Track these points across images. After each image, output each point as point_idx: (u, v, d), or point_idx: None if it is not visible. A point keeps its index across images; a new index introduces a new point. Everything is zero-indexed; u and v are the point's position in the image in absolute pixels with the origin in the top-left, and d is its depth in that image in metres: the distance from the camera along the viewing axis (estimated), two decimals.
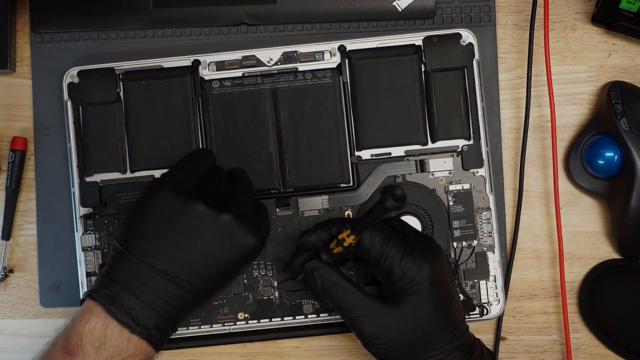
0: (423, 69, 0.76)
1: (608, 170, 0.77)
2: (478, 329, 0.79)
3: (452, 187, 0.76)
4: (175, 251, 0.64)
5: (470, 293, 0.76)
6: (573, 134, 0.80)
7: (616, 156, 0.76)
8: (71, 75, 0.76)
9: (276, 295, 0.76)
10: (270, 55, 0.76)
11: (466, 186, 0.76)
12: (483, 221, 0.76)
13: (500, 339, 0.79)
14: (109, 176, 0.76)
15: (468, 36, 0.76)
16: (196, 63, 0.76)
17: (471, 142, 0.76)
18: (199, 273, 0.65)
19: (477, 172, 0.76)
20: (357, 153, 0.76)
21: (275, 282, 0.76)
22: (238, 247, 0.66)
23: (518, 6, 0.80)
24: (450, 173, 0.76)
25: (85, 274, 0.76)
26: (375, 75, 0.76)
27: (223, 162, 0.74)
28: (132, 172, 0.76)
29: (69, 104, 0.76)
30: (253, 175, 0.74)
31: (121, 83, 0.76)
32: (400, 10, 0.79)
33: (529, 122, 0.78)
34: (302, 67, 0.76)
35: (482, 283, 0.76)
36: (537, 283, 0.79)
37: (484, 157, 0.76)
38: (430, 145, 0.76)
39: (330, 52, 0.76)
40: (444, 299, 0.67)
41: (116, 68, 0.76)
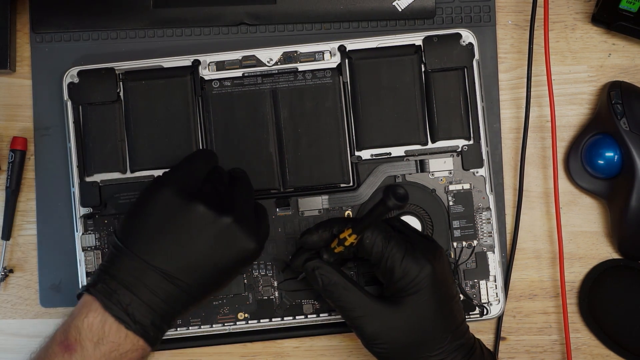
0: (423, 69, 0.76)
1: (608, 170, 0.77)
2: (478, 329, 0.78)
3: (452, 187, 0.76)
4: (173, 251, 0.65)
5: (470, 293, 0.76)
6: (573, 134, 0.80)
7: (616, 156, 0.76)
8: (71, 75, 0.76)
9: (276, 295, 0.76)
10: (270, 55, 0.76)
11: (466, 186, 0.76)
12: (483, 221, 0.76)
13: (500, 339, 0.79)
14: (109, 176, 0.76)
15: (468, 36, 0.76)
16: (196, 63, 0.76)
17: (471, 142, 0.76)
18: (196, 274, 0.65)
19: (477, 172, 0.76)
20: (357, 153, 0.76)
21: (275, 282, 0.76)
22: (236, 251, 0.66)
23: (518, 6, 0.80)
24: (450, 173, 0.76)
25: (85, 274, 0.76)
26: (375, 75, 0.76)
27: (223, 162, 0.74)
28: (132, 172, 0.76)
29: (69, 104, 0.76)
30: (253, 175, 0.74)
31: (121, 83, 0.76)
32: (400, 10, 0.79)
33: (529, 122, 0.78)
34: (302, 67, 0.76)
35: (482, 283, 0.76)
36: (537, 283, 0.79)
37: (484, 157, 0.76)
38: (430, 145, 0.76)
39: (330, 52, 0.76)
40: (445, 299, 0.67)
41: (116, 68, 0.76)
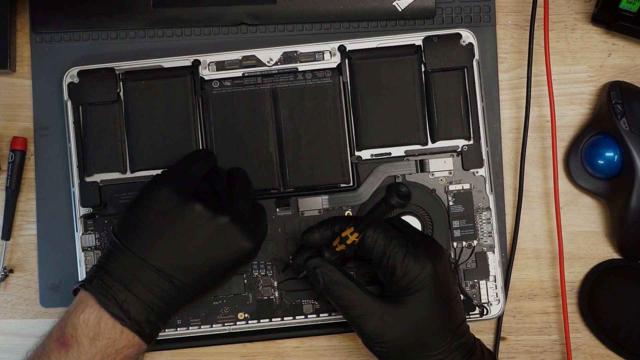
0: (423, 69, 0.76)
1: (608, 170, 0.77)
2: (478, 329, 0.78)
3: (452, 187, 0.76)
4: (170, 249, 0.65)
5: (470, 293, 0.76)
6: (573, 134, 0.80)
7: (616, 156, 0.76)
8: (71, 75, 0.76)
9: (276, 295, 0.76)
10: (270, 55, 0.76)
11: (466, 186, 0.76)
12: (483, 221, 0.76)
13: (500, 339, 0.79)
14: (109, 176, 0.76)
15: (468, 36, 0.76)
16: (196, 63, 0.76)
17: (471, 142, 0.76)
18: (192, 273, 0.65)
19: (477, 172, 0.76)
20: (357, 153, 0.76)
21: (275, 282, 0.76)
22: (233, 250, 0.66)
23: (518, 6, 0.80)
24: (450, 173, 0.76)
25: (85, 274, 0.76)
26: (375, 75, 0.76)
27: (223, 162, 0.74)
28: (132, 172, 0.76)
29: (69, 104, 0.76)
30: (253, 175, 0.74)
31: (121, 83, 0.76)
32: (400, 10, 0.79)
33: (529, 122, 0.78)
34: (302, 67, 0.76)
35: (482, 283, 0.76)
36: (537, 283, 0.79)
37: (484, 157, 0.76)
38: (430, 145, 0.76)
39: (330, 52, 0.76)
40: (446, 299, 0.67)
41: (116, 68, 0.76)
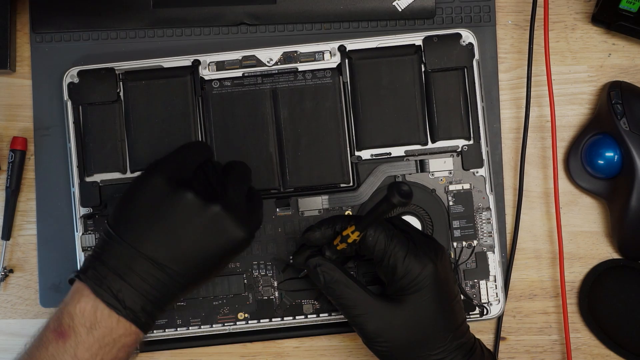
0: (423, 69, 0.76)
1: (608, 170, 0.77)
2: (478, 329, 0.78)
3: (452, 187, 0.76)
4: (162, 238, 0.65)
5: (470, 293, 0.76)
6: (573, 134, 0.80)
7: (616, 156, 0.76)
8: (71, 75, 0.76)
9: (276, 295, 0.76)
10: (270, 55, 0.76)
11: (466, 186, 0.76)
12: (483, 221, 0.76)
13: (500, 339, 0.79)
14: (109, 176, 0.76)
15: (468, 36, 0.76)
16: (196, 63, 0.76)
17: (471, 142, 0.76)
18: (185, 262, 0.65)
19: (477, 172, 0.76)
20: (357, 153, 0.76)
21: (275, 282, 0.76)
22: (225, 239, 0.66)
23: (518, 6, 0.80)
24: (450, 173, 0.76)
25: None
26: (375, 75, 0.76)
27: (223, 162, 0.73)
28: (132, 172, 0.76)
29: (69, 104, 0.76)
30: (253, 175, 0.74)
31: (121, 83, 0.76)
32: (400, 10, 0.79)
33: (529, 122, 0.78)
34: (302, 67, 0.76)
35: (482, 283, 0.76)
36: (537, 283, 0.79)
37: (484, 157, 0.76)
38: (430, 145, 0.76)
39: (330, 52, 0.76)
40: (447, 298, 0.67)
41: (116, 68, 0.76)
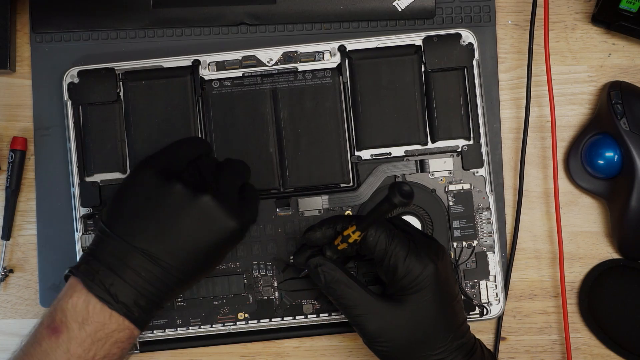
0: (423, 69, 0.76)
1: (608, 170, 0.77)
2: (478, 329, 0.78)
3: (452, 187, 0.76)
4: (154, 231, 0.64)
5: (470, 293, 0.76)
6: (573, 134, 0.80)
7: (616, 156, 0.76)
8: (71, 75, 0.76)
9: (276, 295, 0.76)
10: (270, 55, 0.76)
11: (466, 186, 0.76)
12: (483, 221, 0.76)
13: (500, 339, 0.79)
14: (109, 176, 0.76)
15: (468, 36, 0.76)
16: (196, 63, 0.76)
17: (471, 142, 0.76)
18: (179, 255, 0.65)
19: (477, 172, 0.76)
20: (357, 153, 0.76)
21: (275, 282, 0.76)
22: (216, 230, 0.65)
23: (518, 6, 0.80)
24: (450, 173, 0.76)
25: None
26: (375, 75, 0.76)
27: None
28: None
29: (69, 104, 0.76)
30: (253, 175, 0.74)
31: (121, 83, 0.76)
32: (400, 10, 0.79)
33: (529, 122, 0.78)
34: (302, 67, 0.76)
35: (482, 283, 0.76)
36: (537, 283, 0.79)
37: (484, 157, 0.76)
38: (430, 145, 0.76)
39: (330, 52, 0.76)
40: (447, 298, 0.67)
41: (116, 68, 0.76)
